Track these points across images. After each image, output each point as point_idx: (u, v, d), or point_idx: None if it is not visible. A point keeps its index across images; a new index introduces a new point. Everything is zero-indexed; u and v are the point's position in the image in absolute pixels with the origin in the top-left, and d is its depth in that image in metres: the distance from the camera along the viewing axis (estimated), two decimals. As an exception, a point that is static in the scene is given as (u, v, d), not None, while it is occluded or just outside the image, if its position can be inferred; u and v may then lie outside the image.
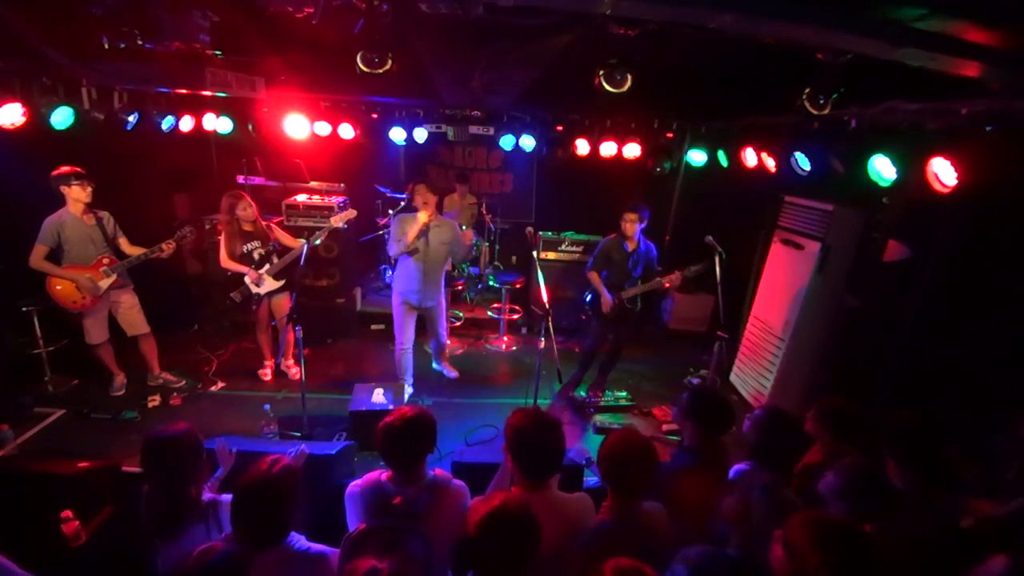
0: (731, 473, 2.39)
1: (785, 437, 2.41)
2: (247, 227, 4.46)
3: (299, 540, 1.90)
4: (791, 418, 2.47)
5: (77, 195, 3.94)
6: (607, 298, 4.48)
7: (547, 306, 3.81)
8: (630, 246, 4.49)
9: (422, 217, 4.16)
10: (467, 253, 4.71)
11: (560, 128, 5.78)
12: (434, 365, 5.21)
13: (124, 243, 4.27)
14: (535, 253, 5.04)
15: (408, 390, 4.49)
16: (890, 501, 2.01)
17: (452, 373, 5.19)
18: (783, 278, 4.81)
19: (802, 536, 1.50)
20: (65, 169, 3.91)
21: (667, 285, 4.45)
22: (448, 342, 5.10)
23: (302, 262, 4.07)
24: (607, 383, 5.03)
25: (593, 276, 4.60)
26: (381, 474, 2.12)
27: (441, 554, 1.89)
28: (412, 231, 4.18)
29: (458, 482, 2.17)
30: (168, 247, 4.20)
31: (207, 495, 2.16)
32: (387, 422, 2.07)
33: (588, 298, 4.76)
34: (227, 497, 2.11)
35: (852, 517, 1.94)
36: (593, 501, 2.19)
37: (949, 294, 3.55)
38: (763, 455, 2.37)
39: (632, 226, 4.40)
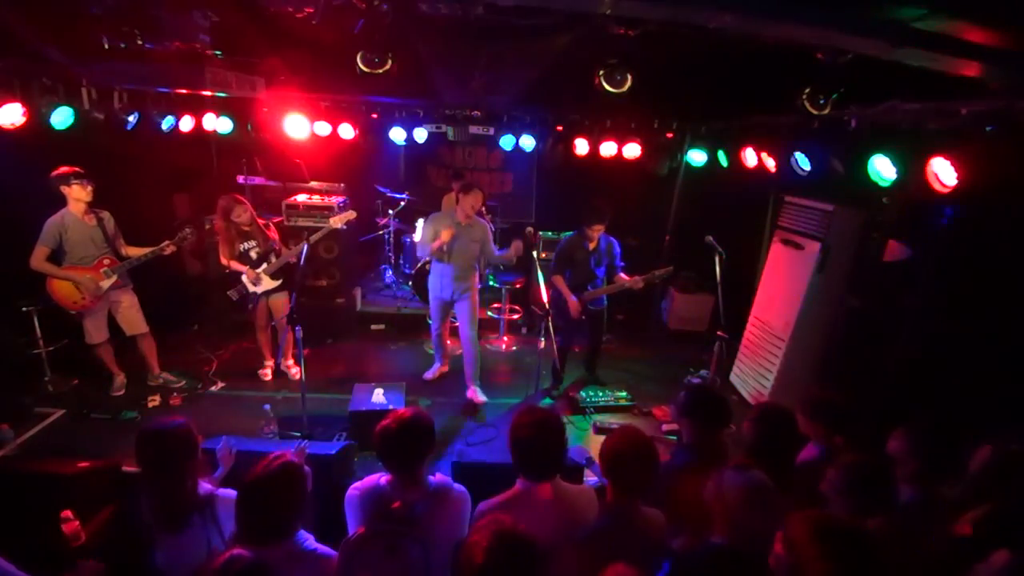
0: None
1: (782, 431, 2.41)
2: (244, 227, 4.47)
3: (308, 539, 1.88)
4: (786, 412, 2.47)
5: (78, 195, 3.93)
6: (572, 300, 4.47)
7: (547, 306, 3.82)
8: (591, 245, 4.54)
9: (445, 236, 4.22)
10: (501, 259, 4.52)
11: (560, 128, 5.78)
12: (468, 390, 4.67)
13: (121, 244, 4.28)
14: (535, 253, 5.03)
15: (437, 363, 4.91)
16: (893, 497, 2.01)
17: (479, 398, 4.61)
18: (783, 278, 4.81)
19: (802, 530, 1.51)
20: (64, 169, 3.90)
21: (628, 284, 4.48)
22: (473, 347, 4.56)
23: (302, 262, 4.07)
24: (594, 381, 5.07)
25: (558, 280, 4.58)
26: (381, 477, 2.09)
27: (440, 561, 1.88)
28: (436, 244, 4.25)
29: (459, 488, 2.14)
30: (169, 248, 4.24)
31: (205, 488, 2.14)
32: (383, 425, 2.03)
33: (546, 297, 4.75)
34: (224, 492, 2.11)
35: (855, 513, 1.94)
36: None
37: (949, 294, 3.55)
38: (761, 452, 2.36)
39: (598, 234, 4.47)
